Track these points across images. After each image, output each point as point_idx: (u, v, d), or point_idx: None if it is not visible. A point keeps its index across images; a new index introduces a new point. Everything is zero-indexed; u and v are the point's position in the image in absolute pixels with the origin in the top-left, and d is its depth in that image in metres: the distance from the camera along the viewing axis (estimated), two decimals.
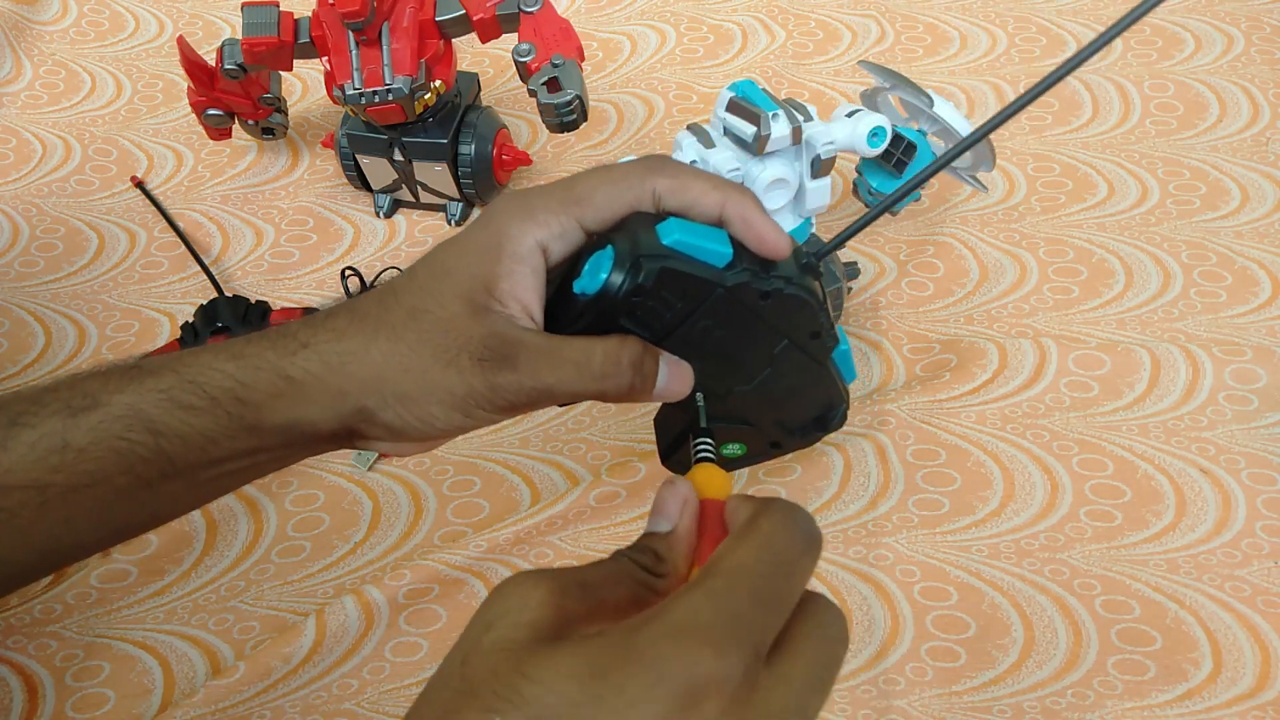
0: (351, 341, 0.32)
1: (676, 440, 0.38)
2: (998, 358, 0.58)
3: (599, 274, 0.30)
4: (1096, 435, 0.56)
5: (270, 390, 0.31)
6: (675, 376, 0.32)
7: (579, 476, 0.56)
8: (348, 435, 0.33)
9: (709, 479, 0.31)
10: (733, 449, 0.39)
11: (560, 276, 0.33)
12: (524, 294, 0.31)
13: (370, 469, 0.57)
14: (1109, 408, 0.57)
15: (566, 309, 0.32)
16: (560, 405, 0.32)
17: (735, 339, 0.33)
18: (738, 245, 0.31)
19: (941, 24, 0.81)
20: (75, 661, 0.50)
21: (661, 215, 0.32)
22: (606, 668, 0.22)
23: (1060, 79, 0.29)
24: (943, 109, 0.55)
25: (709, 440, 0.34)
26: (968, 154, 0.58)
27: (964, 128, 0.55)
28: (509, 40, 0.60)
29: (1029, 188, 0.69)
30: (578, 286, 0.31)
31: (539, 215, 0.31)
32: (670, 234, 0.30)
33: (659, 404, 0.37)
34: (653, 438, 0.57)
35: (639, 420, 0.59)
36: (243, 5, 0.61)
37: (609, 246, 0.31)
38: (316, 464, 0.57)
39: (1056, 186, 0.69)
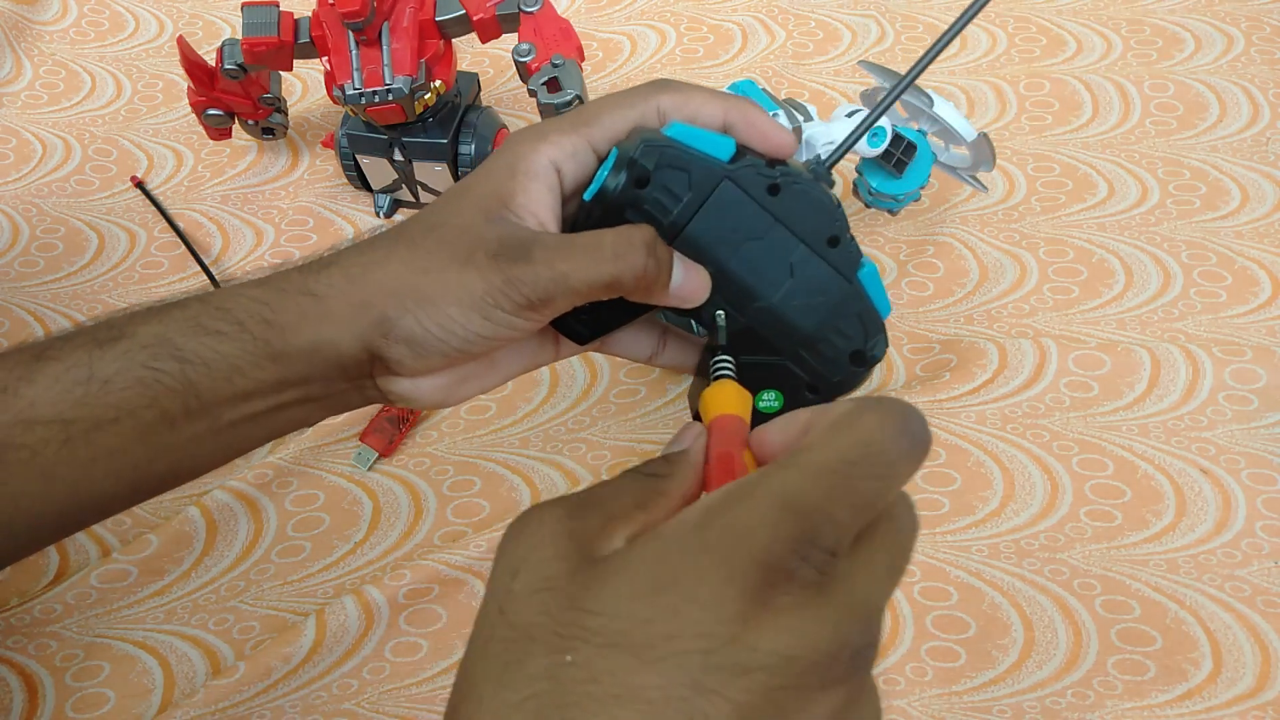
0: (373, 254, 0.32)
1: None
2: (998, 358, 0.58)
3: (603, 174, 0.31)
4: (1096, 435, 0.56)
5: (296, 310, 0.31)
6: (690, 276, 0.31)
7: (579, 477, 0.56)
8: (370, 362, 0.32)
9: (723, 394, 0.30)
10: (768, 401, 0.36)
11: (575, 199, 0.33)
12: (538, 208, 0.32)
13: (370, 469, 0.57)
14: (1109, 408, 0.57)
15: (578, 220, 0.33)
16: (578, 305, 0.31)
17: (749, 243, 0.32)
18: (742, 147, 0.32)
19: (942, 24, 0.81)
20: (75, 661, 0.50)
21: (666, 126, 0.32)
22: (670, 577, 0.22)
23: (960, 29, 0.33)
24: (943, 109, 0.55)
25: (729, 359, 0.33)
26: (968, 153, 0.58)
27: (964, 127, 0.55)
28: (509, 40, 0.60)
29: (1029, 188, 0.69)
30: (586, 194, 0.32)
31: (551, 136, 0.32)
32: (673, 129, 0.31)
33: (673, 394, 0.37)
34: (654, 438, 0.58)
35: (639, 420, 0.59)
36: (243, 5, 0.61)
37: (613, 150, 0.32)
38: (317, 464, 0.57)
39: (1056, 186, 0.69)
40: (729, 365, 0.33)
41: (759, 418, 0.33)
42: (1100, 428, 0.56)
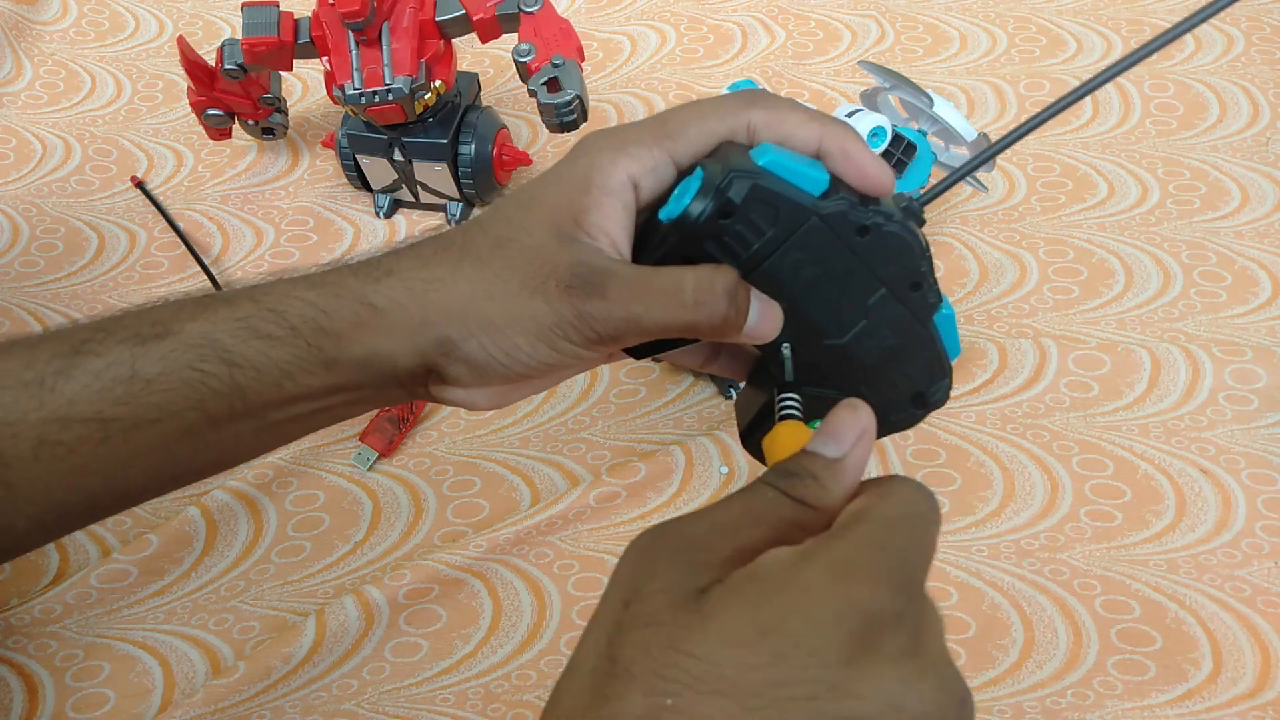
0: (437, 269, 0.30)
1: (759, 416, 0.34)
2: (997, 358, 0.58)
3: (685, 197, 0.29)
4: (1096, 435, 0.56)
5: (352, 319, 0.30)
6: (765, 314, 0.30)
7: (579, 477, 0.56)
8: (425, 374, 0.31)
9: (793, 436, 0.29)
10: None
11: (649, 212, 0.31)
12: (612, 228, 0.30)
13: (370, 469, 0.57)
14: (1109, 408, 0.57)
15: (650, 238, 0.31)
16: (645, 341, 0.30)
17: (828, 282, 0.30)
18: (835, 179, 0.30)
19: (941, 24, 0.81)
20: (75, 661, 0.50)
21: (755, 145, 0.30)
22: (774, 621, 0.21)
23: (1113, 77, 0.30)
24: (942, 109, 0.55)
25: (795, 397, 0.31)
26: (968, 154, 0.58)
27: (964, 128, 0.55)
28: (509, 40, 0.60)
29: (1029, 188, 0.69)
30: (664, 213, 0.30)
31: (630, 149, 0.30)
32: (764, 155, 0.29)
33: (673, 395, 0.36)
34: (654, 438, 0.58)
35: (639, 420, 0.59)
36: (243, 5, 0.61)
37: (698, 170, 0.29)
38: (317, 464, 0.57)
39: (1056, 186, 0.69)
40: (796, 405, 0.31)
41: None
42: (1100, 428, 0.56)
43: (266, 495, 0.56)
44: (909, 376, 0.34)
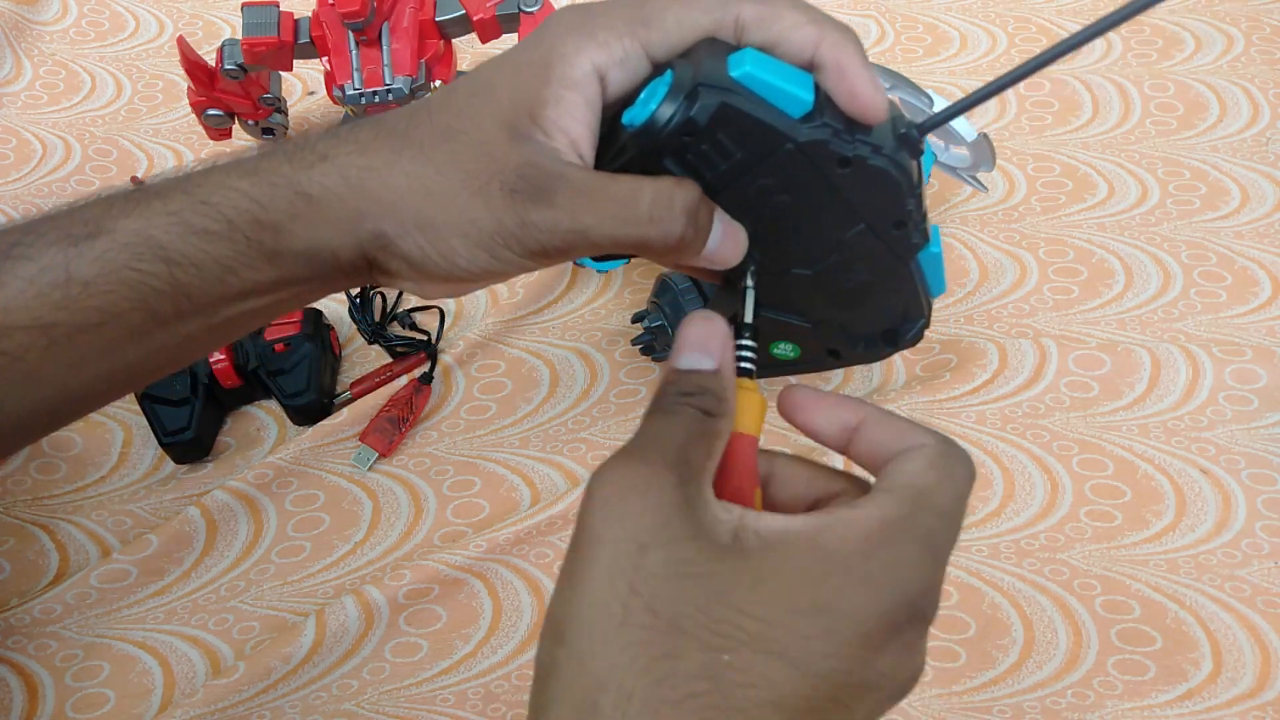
0: (374, 157, 0.28)
1: None
2: (997, 358, 0.58)
3: (650, 103, 0.26)
4: (1096, 435, 0.56)
5: (288, 210, 0.28)
6: (728, 237, 0.27)
7: (579, 476, 0.56)
8: (367, 267, 0.29)
9: (742, 408, 0.27)
10: (783, 349, 0.33)
11: (615, 111, 0.28)
12: (572, 125, 0.27)
13: (370, 469, 0.57)
14: (1109, 408, 0.57)
15: (611, 142, 0.28)
16: (594, 256, 0.29)
17: (801, 212, 0.28)
18: (823, 96, 0.26)
19: (941, 24, 0.81)
20: (75, 661, 0.50)
21: (739, 47, 0.27)
22: (832, 599, 0.23)
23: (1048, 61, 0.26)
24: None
25: (751, 349, 0.28)
26: (968, 154, 0.58)
27: (964, 128, 0.55)
28: (509, 40, 0.60)
29: (1029, 188, 0.69)
30: (626, 116, 0.27)
31: (599, 35, 0.27)
32: (741, 65, 0.26)
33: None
34: None
35: (639, 420, 0.58)
36: (243, 5, 0.61)
37: (668, 71, 0.26)
38: (317, 464, 0.57)
39: (1056, 187, 0.69)
40: (751, 356, 0.28)
41: (771, 365, 0.32)
42: (1100, 428, 0.56)
43: (266, 495, 0.56)
44: (882, 313, 0.31)
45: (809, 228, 0.28)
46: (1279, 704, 0.46)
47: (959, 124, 0.55)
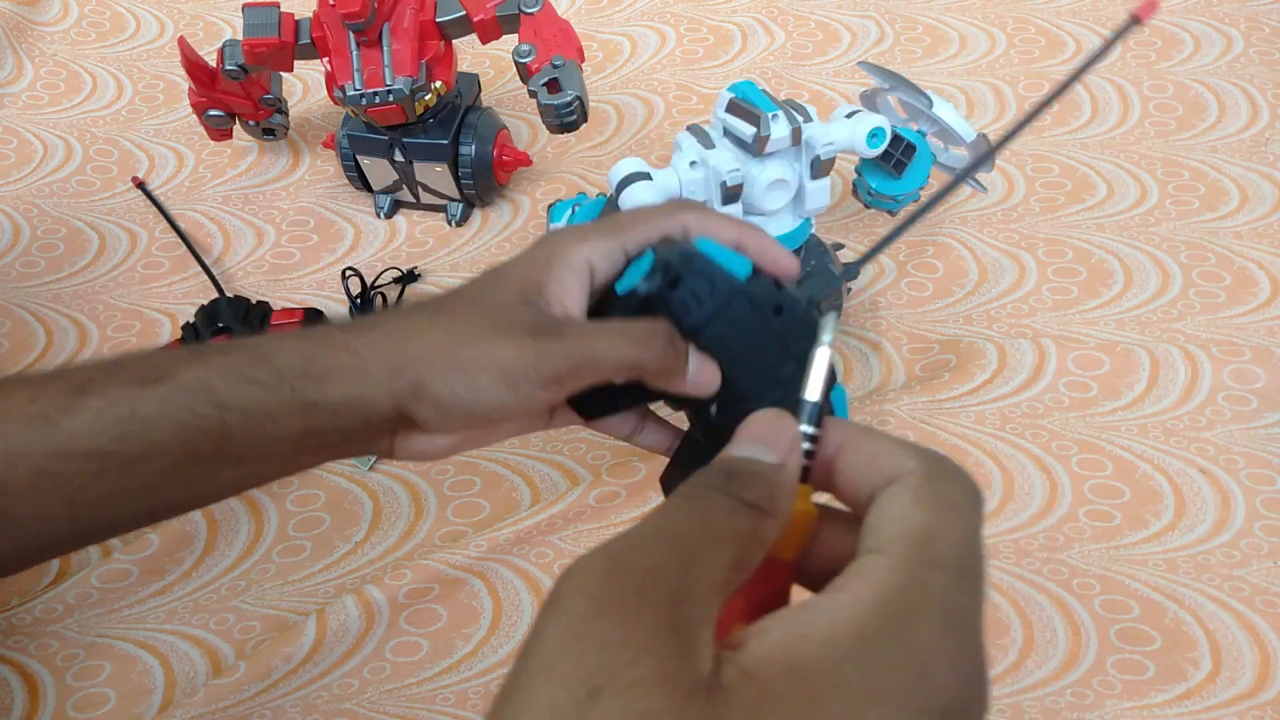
0: (416, 319, 0.34)
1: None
2: (997, 358, 0.58)
3: (637, 273, 0.34)
4: (1095, 435, 0.56)
5: (335, 365, 0.32)
6: (704, 367, 0.33)
7: (579, 476, 0.56)
8: (395, 419, 0.33)
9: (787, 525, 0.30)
10: None
11: (601, 293, 0.36)
12: (568, 298, 0.34)
13: (371, 469, 0.57)
14: (1108, 408, 0.57)
15: (606, 309, 0.36)
16: (598, 388, 0.33)
17: (751, 352, 0.35)
18: (755, 267, 0.35)
19: (941, 25, 0.81)
20: (76, 661, 0.50)
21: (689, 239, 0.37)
22: None
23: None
24: (942, 110, 0.55)
25: (812, 439, 0.33)
26: (967, 154, 0.58)
27: (963, 129, 0.55)
28: (509, 41, 0.61)
29: (1028, 188, 0.69)
30: (619, 285, 0.35)
31: (590, 238, 0.35)
32: (702, 244, 0.35)
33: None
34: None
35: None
36: (244, 6, 0.61)
37: (649, 252, 0.35)
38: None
39: (1055, 187, 0.69)
40: (810, 456, 0.34)
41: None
42: (1099, 428, 0.56)
43: (267, 495, 0.56)
44: None
45: (757, 367, 0.35)
46: (1278, 704, 0.47)
47: (958, 125, 0.55)
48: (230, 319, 0.60)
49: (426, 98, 0.62)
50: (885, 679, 0.18)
